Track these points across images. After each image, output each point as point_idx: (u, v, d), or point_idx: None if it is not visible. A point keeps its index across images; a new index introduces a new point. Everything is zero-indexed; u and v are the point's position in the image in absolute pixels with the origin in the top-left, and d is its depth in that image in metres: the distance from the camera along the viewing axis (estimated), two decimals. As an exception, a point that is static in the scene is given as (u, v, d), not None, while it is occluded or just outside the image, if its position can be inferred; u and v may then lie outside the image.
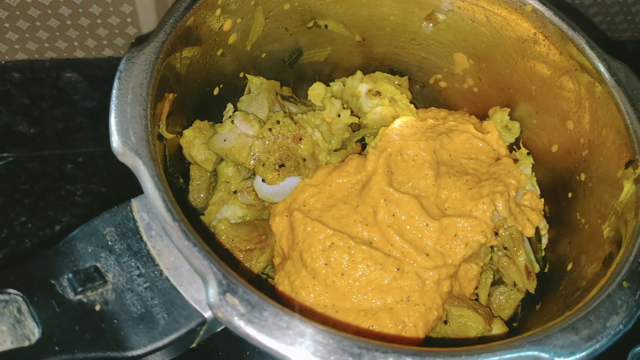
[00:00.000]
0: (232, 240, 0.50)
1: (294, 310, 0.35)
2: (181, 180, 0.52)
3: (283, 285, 0.49)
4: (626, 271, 0.37)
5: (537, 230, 0.52)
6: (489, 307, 0.52)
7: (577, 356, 0.34)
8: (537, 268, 0.52)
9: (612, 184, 0.46)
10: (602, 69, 0.48)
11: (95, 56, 0.70)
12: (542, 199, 0.55)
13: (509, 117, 0.58)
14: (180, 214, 0.36)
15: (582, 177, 0.50)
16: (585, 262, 0.46)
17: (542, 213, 0.54)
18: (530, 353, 0.33)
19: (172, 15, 0.45)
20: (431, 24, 0.57)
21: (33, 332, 0.34)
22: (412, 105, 0.58)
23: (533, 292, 0.51)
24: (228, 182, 0.53)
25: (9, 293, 0.34)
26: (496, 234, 0.50)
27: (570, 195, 0.52)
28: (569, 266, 0.48)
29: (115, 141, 0.38)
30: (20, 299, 0.35)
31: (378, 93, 0.58)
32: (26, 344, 0.34)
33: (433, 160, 0.52)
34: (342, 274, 0.47)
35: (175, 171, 0.51)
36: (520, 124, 0.57)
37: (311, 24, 0.57)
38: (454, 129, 0.55)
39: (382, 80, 0.60)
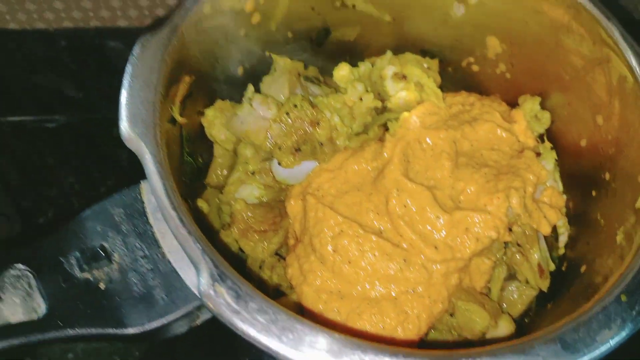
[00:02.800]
0: (247, 220, 0.51)
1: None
2: (200, 160, 0.53)
3: (293, 267, 0.49)
4: (627, 283, 0.36)
5: (555, 228, 0.51)
6: (501, 302, 0.51)
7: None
8: (552, 266, 0.50)
9: (633, 187, 0.43)
10: (634, 62, 0.45)
11: (138, 26, 0.72)
12: (565, 196, 0.53)
13: (539, 107, 0.55)
14: (179, 202, 0.38)
15: (607, 176, 0.48)
16: (597, 266, 0.44)
17: (564, 210, 0.52)
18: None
19: (188, -2, 0.45)
20: (462, 6, 0.55)
21: (40, 306, 0.37)
22: (439, 91, 0.56)
23: (545, 291, 0.50)
24: (247, 162, 0.53)
25: (19, 268, 0.37)
26: (510, 230, 0.48)
27: (594, 193, 0.50)
28: (583, 268, 0.47)
29: (124, 126, 0.40)
30: (29, 274, 0.37)
31: (404, 77, 0.57)
32: (34, 317, 0.36)
33: (452, 151, 0.50)
34: (349, 262, 0.47)
35: (196, 150, 0.52)
36: (551, 114, 0.55)
37: (339, 3, 0.56)
38: (478, 118, 0.53)
39: (410, 62, 0.59)
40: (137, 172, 0.78)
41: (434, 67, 0.60)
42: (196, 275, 0.36)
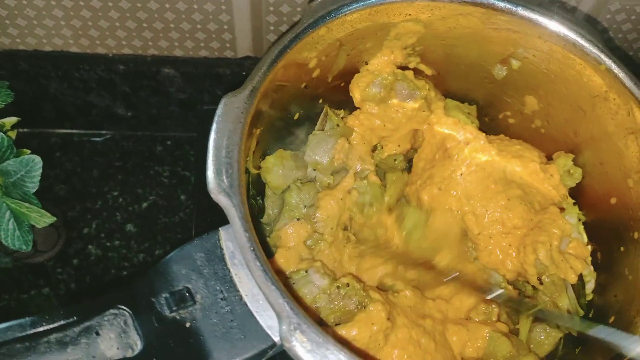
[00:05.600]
0: None
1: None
2: (260, 201, 0.58)
3: None
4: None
5: (581, 276, 0.55)
6: (529, 343, 0.56)
7: None
8: (580, 313, 0.55)
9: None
10: (667, 139, 0.49)
11: (192, 56, 0.77)
12: (590, 246, 0.57)
13: (572, 163, 0.60)
14: (262, 253, 0.42)
15: (636, 235, 0.53)
16: (625, 319, 0.49)
17: (589, 260, 0.56)
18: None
19: (266, 60, 0.50)
20: (505, 68, 0.59)
21: (136, 343, 0.41)
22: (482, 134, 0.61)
23: (575, 335, 0.55)
24: (292, 209, 0.58)
25: (119, 308, 0.41)
26: (539, 280, 0.53)
27: (622, 249, 0.55)
28: (611, 319, 0.52)
29: (211, 182, 0.44)
30: (127, 313, 0.42)
31: None
32: (129, 353, 0.41)
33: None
34: None
35: (255, 193, 0.57)
36: (582, 170, 0.60)
37: (390, 58, 0.61)
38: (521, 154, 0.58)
39: (453, 108, 0.63)
40: (176, 189, 0.84)
41: (473, 113, 0.65)
42: (278, 322, 0.41)
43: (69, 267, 0.80)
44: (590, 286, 0.57)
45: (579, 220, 0.59)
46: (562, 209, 0.58)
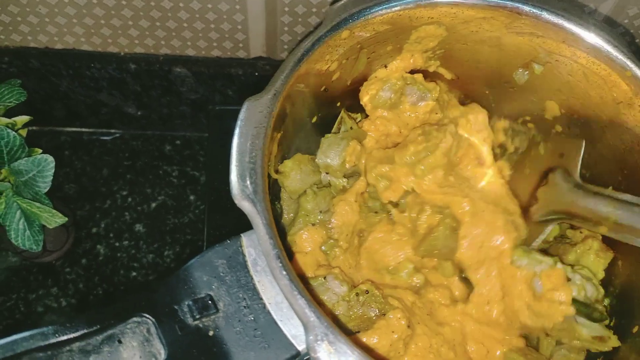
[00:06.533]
0: None
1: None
2: (278, 205, 0.57)
3: None
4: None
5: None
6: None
7: None
8: (609, 335, 0.53)
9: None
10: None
11: (205, 55, 0.77)
12: (610, 253, 0.57)
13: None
14: (287, 262, 0.42)
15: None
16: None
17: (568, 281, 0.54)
18: None
19: (289, 63, 0.49)
20: (527, 72, 0.59)
21: (160, 352, 0.41)
22: None
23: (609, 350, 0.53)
24: (307, 215, 0.57)
25: (142, 316, 0.41)
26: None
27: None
28: (634, 329, 0.51)
29: (235, 187, 0.44)
30: (150, 321, 0.41)
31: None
32: (154, 362, 0.40)
33: None
34: None
35: (273, 197, 0.56)
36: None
37: (408, 63, 0.60)
38: None
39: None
40: (185, 189, 0.83)
41: None
42: (304, 331, 0.40)
43: (77, 267, 0.79)
44: (592, 293, 0.55)
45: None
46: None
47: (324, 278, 0.53)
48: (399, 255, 0.56)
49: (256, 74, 0.77)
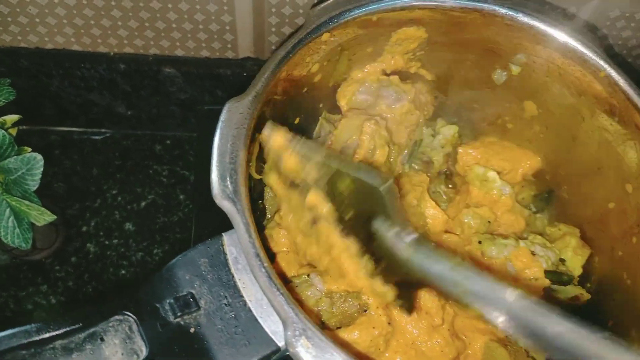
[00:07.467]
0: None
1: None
2: (260, 203, 0.58)
3: None
4: None
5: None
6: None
7: None
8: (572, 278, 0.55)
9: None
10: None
11: (194, 56, 0.77)
12: (587, 249, 0.58)
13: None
14: (267, 259, 0.43)
15: (634, 240, 0.53)
16: (624, 326, 0.50)
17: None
18: None
19: (269, 65, 0.50)
20: (505, 73, 0.60)
21: (141, 349, 0.42)
22: None
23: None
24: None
25: (124, 314, 0.42)
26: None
27: (620, 254, 0.55)
28: (609, 323, 0.52)
29: (215, 187, 0.45)
30: (131, 319, 0.42)
31: None
32: (134, 359, 0.41)
33: None
34: None
35: (256, 195, 0.57)
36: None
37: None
38: None
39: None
40: (175, 188, 0.84)
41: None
42: (283, 328, 0.41)
43: (67, 265, 0.80)
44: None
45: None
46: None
47: (307, 275, 0.54)
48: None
49: (244, 74, 0.78)
